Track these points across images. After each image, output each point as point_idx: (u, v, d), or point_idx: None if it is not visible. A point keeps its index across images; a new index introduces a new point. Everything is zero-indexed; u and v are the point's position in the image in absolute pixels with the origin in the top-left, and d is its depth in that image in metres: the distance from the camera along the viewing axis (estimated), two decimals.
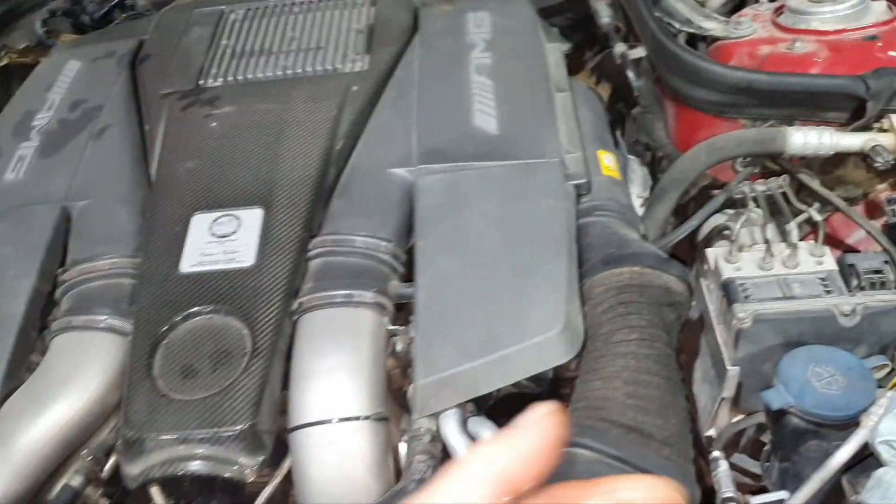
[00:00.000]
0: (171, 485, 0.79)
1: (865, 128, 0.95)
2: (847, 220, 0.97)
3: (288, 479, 0.78)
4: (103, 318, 0.86)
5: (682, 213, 1.04)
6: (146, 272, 0.89)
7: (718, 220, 0.98)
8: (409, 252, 0.90)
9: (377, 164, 0.97)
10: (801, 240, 0.89)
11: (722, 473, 0.83)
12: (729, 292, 0.86)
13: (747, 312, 0.84)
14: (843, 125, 0.96)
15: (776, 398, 0.79)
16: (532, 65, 1.07)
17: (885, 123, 0.94)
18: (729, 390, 0.86)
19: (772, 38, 1.07)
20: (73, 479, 0.78)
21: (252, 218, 0.92)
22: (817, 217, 0.87)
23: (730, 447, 0.91)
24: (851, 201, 1.00)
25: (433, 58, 1.11)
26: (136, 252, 0.92)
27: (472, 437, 0.81)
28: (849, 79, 0.93)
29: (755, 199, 0.90)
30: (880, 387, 0.83)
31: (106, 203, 0.99)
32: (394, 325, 0.85)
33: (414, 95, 1.05)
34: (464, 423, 0.80)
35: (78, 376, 0.83)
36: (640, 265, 0.85)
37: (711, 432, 0.92)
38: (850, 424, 0.76)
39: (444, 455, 0.79)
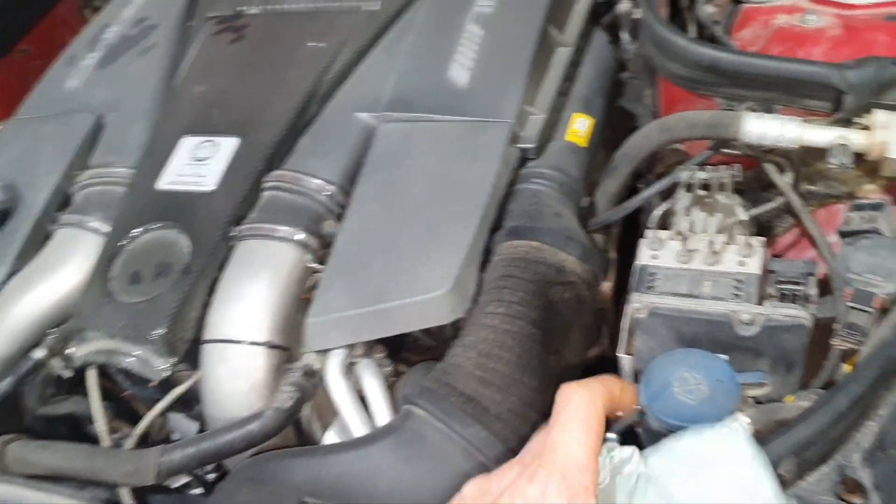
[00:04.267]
0: (106, 372, 0.93)
1: (848, 122, 0.85)
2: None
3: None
4: (91, 220, 1.01)
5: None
6: (132, 184, 1.02)
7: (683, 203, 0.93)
8: None
9: (348, 107, 1.02)
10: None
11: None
12: (636, 279, 0.84)
13: (643, 303, 0.82)
14: (828, 115, 0.87)
15: None
16: (527, 18, 1.04)
17: (867, 119, 0.84)
18: (624, 377, 0.85)
19: (793, 6, 0.97)
20: (36, 352, 0.94)
21: (228, 146, 1.01)
22: (742, 215, 0.82)
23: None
24: (836, 200, 0.91)
25: (441, 2, 1.12)
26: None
27: (357, 380, 0.88)
28: (825, 66, 0.83)
29: (689, 187, 0.85)
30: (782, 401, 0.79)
31: (129, 116, 1.12)
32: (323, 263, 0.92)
33: (408, 40, 1.07)
34: (347, 365, 0.87)
35: (60, 267, 0.99)
36: (538, 240, 0.85)
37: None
38: None
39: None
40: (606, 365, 0.90)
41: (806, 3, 0.96)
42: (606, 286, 1.05)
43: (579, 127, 0.99)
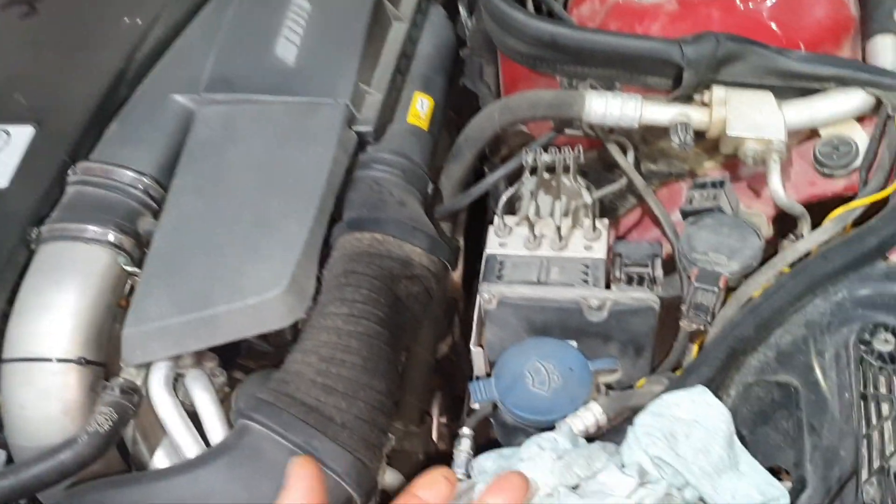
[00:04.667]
0: None
1: (688, 99, 0.84)
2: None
3: None
4: None
5: None
6: None
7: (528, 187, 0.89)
8: None
9: (164, 88, 0.92)
10: None
11: (460, 451, 0.80)
12: (485, 269, 0.80)
13: (492, 293, 0.78)
14: (668, 93, 0.86)
15: (480, 391, 0.74)
16: None
17: (706, 96, 0.83)
18: (477, 369, 0.81)
19: None
20: None
21: (21, 136, 0.88)
22: (587, 198, 0.79)
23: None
24: (678, 178, 0.91)
25: None
26: None
27: (186, 394, 0.80)
28: (663, 42, 0.82)
29: (533, 170, 0.82)
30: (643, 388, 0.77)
31: None
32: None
33: (229, 13, 0.98)
34: (173, 379, 0.79)
35: None
36: (381, 232, 0.79)
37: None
38: (552, 428, 0.71)
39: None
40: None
41: None
42: (456, 276, 1.01)
43: (420, 108, 0.93)
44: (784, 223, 0.85)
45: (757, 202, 0.85)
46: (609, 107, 0.83)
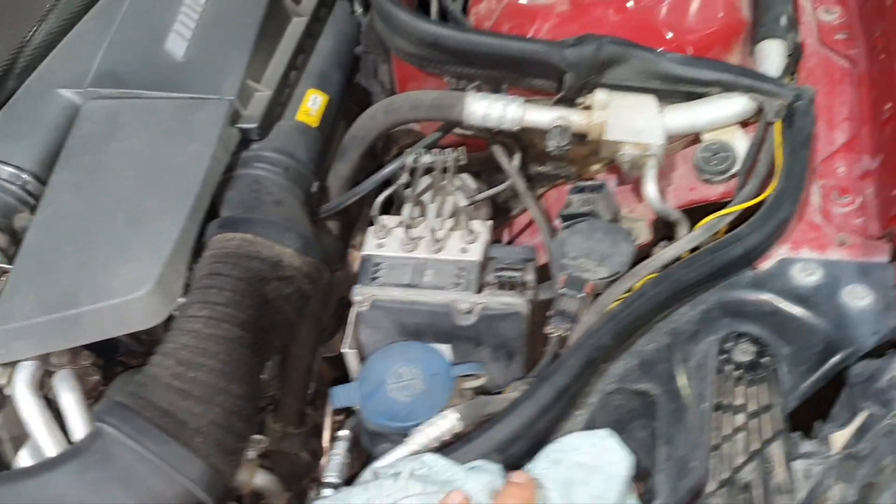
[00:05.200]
0: None
1: (572, 102, 0.83)
2: None
3: None
4: None
5: None
6: None
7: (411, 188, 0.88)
8: None
9: (51, 82, 0.91)
10: None
11: (334, 455, 0.79)
12: (361, 271, 0.80)
13: (365, 295, 0.77)
14: (553, 95, 0.85)
15: (342, 396, 0.73)
16: None
17: (588, 99, 0.82)
18: (352, 372, 0.80)
19: None
20: None
21: None
22: (461, 201, 0.79)
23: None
24: (566, 180, 0.90)
25: None
26: None
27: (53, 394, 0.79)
28: (545, 45, 0.81)
29: (413, 171, 0.81)
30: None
31: None
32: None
33: (124, 7, 0.96)
34: (38, 378, 0.78)
35: None
36: (252, 232, 0.78)
37: None
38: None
39: None
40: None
41: None
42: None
43: (312, 105, 0.92)
44: (669, 227, 0.84)
45: (640, 206, 0.84)
46: (489, 109, 0.82)
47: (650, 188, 0.78)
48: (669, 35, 0.86)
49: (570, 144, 0.79)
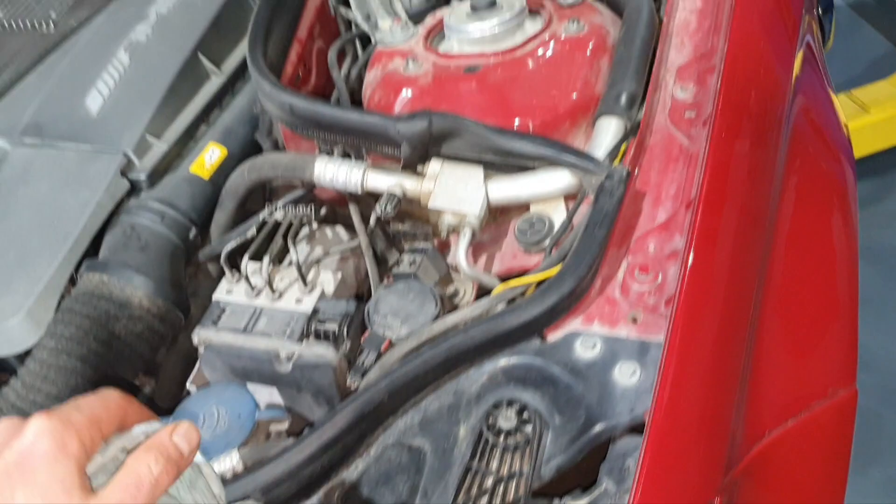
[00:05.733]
0: None
1: (414, 169, 0.90)
2: None
3: None
4: None
5: None
6: None
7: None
8: None
9: None
10: None
11: None
12: (206, 314, 0.88)
13: (202, 337, 0.86)
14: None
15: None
16: (176, 47, 1.07)
17: (426, 167, 0.88)
18: None
19: (409, 51, 1.01)
20: None
21: None
22: (294, 256, 0.86)
23: None
24: (424, 238, 0.96)
25: (106, 27, 1.13)
26: None
27: None
28: (382, 118, 0.87)
29: (260, 227, 0.89)
30: None
31: None
32: None
33: (67, 61, 1.09)
34: None
35: None
36: (107, 274, 0.88)
37: None
38: None
39: None
40: None
41: (419, 50, 1.00)
42: None
43: (209, 158, 1.02)
44: None
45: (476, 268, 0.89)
46: (336, 172, 0.89)
47: (460, 254, 0.83)
48: (519, 112, 0.91)
49: (395, 211, 0.85)
